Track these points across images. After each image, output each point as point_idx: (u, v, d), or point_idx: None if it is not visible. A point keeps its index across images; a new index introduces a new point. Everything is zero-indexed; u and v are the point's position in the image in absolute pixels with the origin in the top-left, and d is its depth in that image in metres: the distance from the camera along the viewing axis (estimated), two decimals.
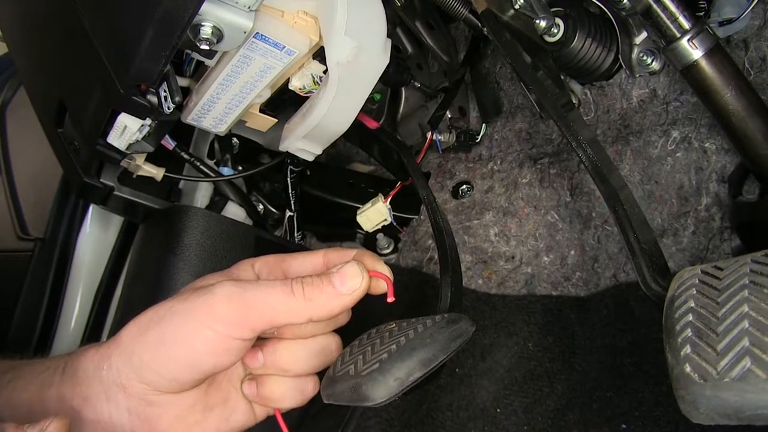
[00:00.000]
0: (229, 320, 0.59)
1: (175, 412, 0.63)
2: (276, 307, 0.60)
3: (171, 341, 0.60)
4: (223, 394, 0.67)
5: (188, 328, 0.59)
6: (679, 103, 0.87)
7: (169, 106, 0.78)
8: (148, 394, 0.61)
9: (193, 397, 0.64)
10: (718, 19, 0.79)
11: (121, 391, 0.61)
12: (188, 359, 0.60)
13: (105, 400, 0.61)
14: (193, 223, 0.97)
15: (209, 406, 0.66)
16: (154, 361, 0.60)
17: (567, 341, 0.89)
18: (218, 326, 0.59)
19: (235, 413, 0.67)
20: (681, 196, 0.84)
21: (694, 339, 0.48)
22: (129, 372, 0.61)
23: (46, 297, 1.16)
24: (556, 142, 1.01)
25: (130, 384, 0.61)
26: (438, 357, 0.61)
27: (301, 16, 0.76)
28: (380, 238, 1.11)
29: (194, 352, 0.60)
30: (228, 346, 0.60)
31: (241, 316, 0.59)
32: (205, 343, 0.59)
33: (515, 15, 0.84)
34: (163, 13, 0.63)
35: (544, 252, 0.96)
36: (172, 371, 0.60)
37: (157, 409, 0.62)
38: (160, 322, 0.61)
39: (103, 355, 0.62)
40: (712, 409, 0.44)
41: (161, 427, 0.63)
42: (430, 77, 1.17)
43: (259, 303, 0.60)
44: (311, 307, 0.61)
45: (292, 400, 0.67)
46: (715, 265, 0.55)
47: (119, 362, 0.61)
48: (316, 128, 0.83)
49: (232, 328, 0.59)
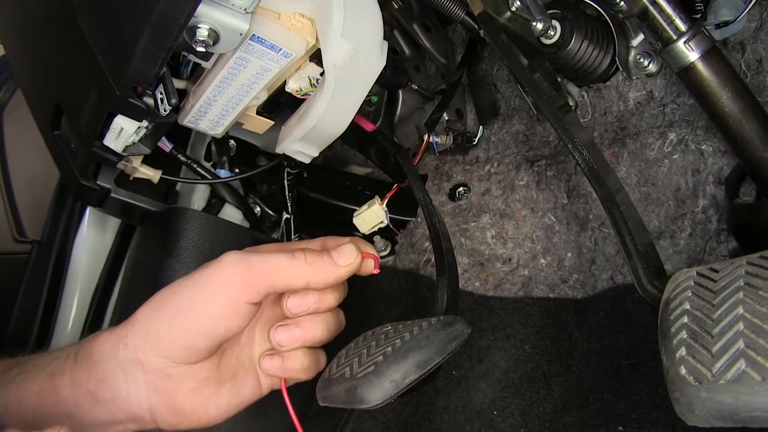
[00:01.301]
0: (238, 285, 0.65)
1: (191, 384, 0.68)
2: (279, 270, 0.67)
3: (186, 311, 0.66)
4: (232, 370, 0.73)
5: (201, 297, 0.66)
6: (675, 105, 0.87)
7: (165, 108, 0.77)
8: (165, 367, 0.67)
9: (207, 371, 0.69)
10: (715, 21, 0.79)
11: (139, 368, 0.66)
12: (203, 326, 0.66)
13: (123, 379, 0.66)
14: (190, 225, 0.97)
15: (221, 380, 0.71)
16: (170, 333, 0.66)
17: (564, 343, 0.89)
18: (229, 291, 0.65)
19: (244, 388, 0.73)
20: (678, 199, 0.84)
21: (689, 341, 0.48)
22: (147, 348, 0.66)
23: (43, 299, 1.16)
24: (553, 145, 1.01)
25: (148, 359, 0.66)
26: (433, 359, 0.61)
27: (298, 18, 0.76)
28: (377, 241, 1.11)
29: (208, 319, 0.66)
30: (238, 310, 0.66)
31: (248, 280, 0.66)
32: (218, 309, 0.65)
33: (512, 17, 0.85)
34: (159, 15, 0.63)
35: (541, 254, 0.96)
36: (189, 340, 0.66)
37: (174, 382, 0.67)
38: (173, 297, 0.67)
39: (118, 336, 0.67)
40: (707, 412, 0.44)
41: (178, 400, 0.68)
42: (427, 79, 1.17)
43: (263, 267, 0.66)
44: (310, 271, 0.68)
45: (311, 371, 0.74)
46: (710, 267, 0.55)
47: (136, 340, 0.66)
48: (312, 130, 0.82)
49: (241, 292, 0.66)
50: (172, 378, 0.67)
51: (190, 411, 0.69)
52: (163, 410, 0.68)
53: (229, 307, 0.66)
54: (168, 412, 0.69)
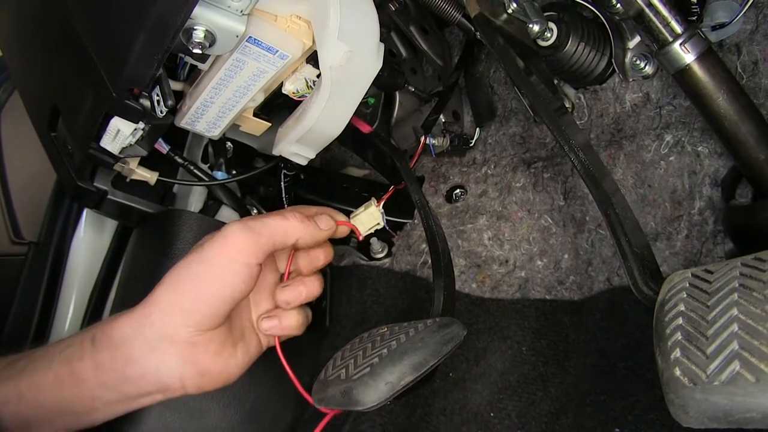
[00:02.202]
0: (247, 249, 0.74)
1: (214, 348, 0.76)
2: (276, 229, 0.77)
3: (208, 283, 0.74)
4: (239, 331, 0.81)
5: (219, 267, 0.74)
6: (672, 107, 0.87)
7: (162, 110, 0.78)
8: (192, 335, 0.73)
9: (224, 334, 0.77)
10: (711, 23, 0.79)
11: (167, 342, 0.73)
12: (224, 292, 0.74)
13: (150, 354, 0.73)
14: (187, 227, 0.97)
15: (234, 341, 0.79)
16: (195, 304, 0.73)
17: (561, 345, 0.89)
18: (241, 257, 0.74)
19: (251, 346, 0.82)
20: (674, 200, 0.84)
21: (683, 342, 0.48)
22: (175, 321, 0.73)
23: (39, 301, 1.15)
24: (550, 146, 1.01)
25: (177, 332, 0.73)
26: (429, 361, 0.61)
27: (294, 20, 0.77)
28: (374, 242, 1.11)
29: (228, 285, 0.74)
30: (251, 273, 0.75)
31: (254, 244, 0.75)
32: (236, 275, 0.74)
33: (508, 19, 0.85)
34: (155, 17, 0.63)
35: (538, 256, 0.96)
36: (213, 307, 0.74)
37: (201, 347, 0.75)
38: (190, 274, 0.74)
39: (140, 317, 0.74)
40: (701, 413, 0.44)
41: (206, 363, 0.75)
42: (424, 81, 1.18)
43: (264, 228, 0.76)
44: (300, 228, 0.79)
45: (303, 326, 0.85)
46: (705, 269, 0.55)
47: (163, 317, 0.73)
48: (309, 132, 0.82)
49: (251, 255, 0.74)
50: (198, 345, 0.74)
51: (216, 372, 0.76)
52: (193, 375, 0.75)
53: (244, 271, 0.74)
54: (197, 376, 0.75)
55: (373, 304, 1.06)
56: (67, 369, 0.73)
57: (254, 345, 0.82)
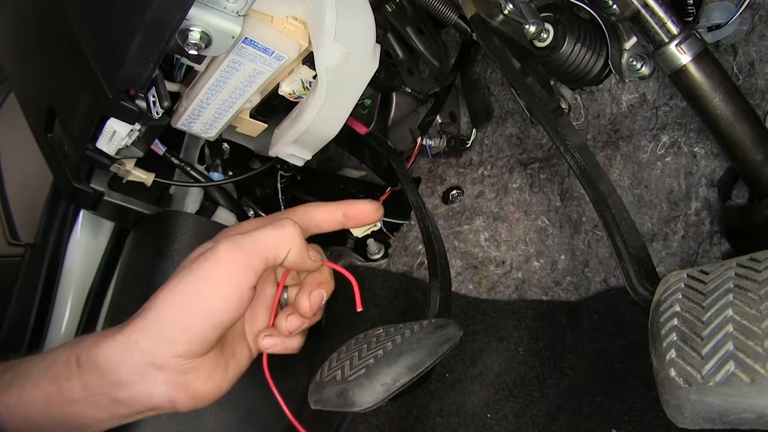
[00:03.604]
0: (237, 271, 0.69)
1: (205, 373, 0.72)
2: (269, 244, 0.71)
3: (195, 309, 0.69)
4: (231, 348, 0.78)
5: (207, 292, 0.69)
6: (668, 107, 0.87)
7: (158, 111, 0.78)
8: (181, 364, 0.69)
9: (215, 357, 0.73)
10: (707, 24, 0.79)
11: (155, 369, 0.69)
12: (213, 319, 0.69)
13: (140, 380, 0.69)
14: (183, 228, 0.97)
15: (226, 360, 0.76)
16: (183, 334, 0.69)
17: (558, 346, 0.89)
18: (230, 281, 0.69)
19: (243, 360, 0.79)
20: (671, 201, 0.84)
21: (679, 343, 0.48)
22: (162, 350, 0.68)
23: (36, 303, 1.15)
24: (547, 147, 1.01)
25: (165, 362, 0.69)
26: (425, 362, 0.61)
27: (291, 21, 0.77)
28: (370, 244, 1.11)
29: (217, 312, 0.69)
30: (242, 296, 0.70)
31: (245, 264, 0.69)
32: (224, 300, 0.69)
33: (504, 20, 0.85)
34: (151, 18, 0.63)
35: (535, 257, 0.96)
36: (201, 335, 0.69)
37: (191, 374, 0.71)
38: (177, 300, 0.69)
39: (126, 343, 0.69)
40: (696, 414, 0.44)
41: (197, 388, 0.72)
42: (421, 82, 1.18)
43: (255, 245, 0.70)
44: (296, 240, 0.73)
45: (302, 343, 0.82)
46: (700, 270, 0.55)
47: (149, 344, 0.69)
48: (305, 133, 0.83)
49: (242, 277, 0.69)
50: (189, 372, 0.70)
51: (209, 393, 0.73)
52: (185, 399, 0.72)
53: (234, 295, 0.69)
54: (189, 400, 0.72)
55: (370, 306, 1.06)
56: (55, 388, 0.70)
57: (245, 357, 0.80)
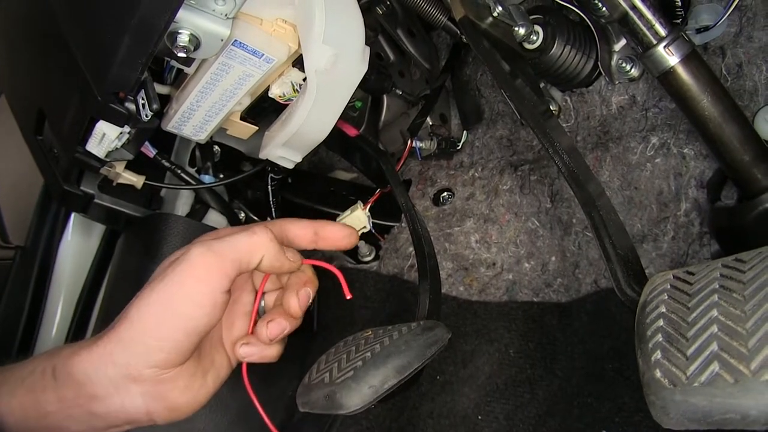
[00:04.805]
0: (210, 276, 0.67)
1: (183, 383, 0.70)
2: (242, 248, 0.69)
3: (169, 317, 0.66)
4: (209, 357, 0.75)
5: (179, 299, 0.66)
6: (658, 109, 0.87)
7: (147, 114, 0.77)
8: (157, 374, 0.67)
9: (193, 366, 0.71)
10: (695, 26, 0.79)
11: (131, 381, 0.67)
12: (187, 327, 0.67)
13: (115, 393, 0.67)
14: (174, 231, 0.97)
15: (204, 370, 0.73)
16: (158, 342, 0.66)
17: (548, 347, 0.89)
18: (203, 286, 0.67)
19: (222, 369, 0.76)
20: (660, 202, 0.85)
21: (664, 344, 0.48)
22: (137, 361, 0.66)
23: (26, 305, 1.15)
24: (537, 149, 1.01)
25: (140, 373, 0.67)
26: (413, 364, 0.61)
27: (280, 23, 0.77)
28: (361, 246, 1.11)
29: (191, 319, 0.67)
30: (216, 301, 0.67)
31: (218, 269, 0.67)
32: (198, 306, 0.67)
33: (494, 23, 0.85)
34: (139, 21, 0.63)
35: (525, 258, 0.96)
36: (177, 342, 0.67)
37: (168, 385, 0.69)
38: (151, 308, 0.67)
39: (101, 356, 0.67)
40: (681, 414, 0.44)
41: (174, 399, 0.70)
42: (411, 85, 1.18)
43: (228, 249, 0.69)
44: (268, 246, 0.71)
45: (281, 353, 0.78)
46: (686, 270, 0.55)
47: (124, 356, 0.66)
48: (295, 136, 0.83)
49: (215, 282, 0.67)
50: (165, 382, 0.69)
51: (185, 405, 0.72)
52: (162, 410, 0.70)
53: (207, 301, 0.67)
54: (166, 411, 0.71)
55: (360, 308, 1.06)
56: (32, 398, 0.68)
57: (225, 367, 0.78)
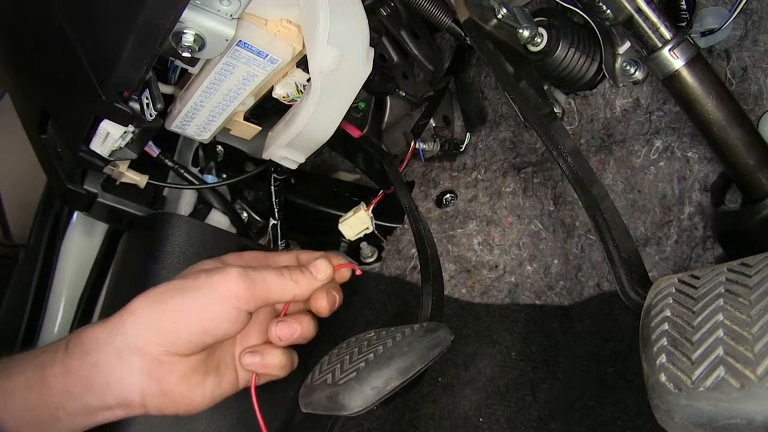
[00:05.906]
0: (241, 296, 0.73)
1: (181, 371, 0.74)
2: (273, 286, 0.75)
3: (192, 310, 0.72)
4: (216, 363, 0.79)
5: (208, 300, 0.72)
6: (662, 112, 0.87)
7: (151, 113, 0.77)
8: (161, 354, 0.72)
9: (196, 361, 0.75)
10: (700, 29, 0.79)
11: (135, 353, 0.71)
12: (206, 325, 0.73)
13: (117, 364, 0.71)
14: (176, 230, 0.97)
15: (207, 371, 0.77)
16: (174, 326, 0.72)
17: (550, 350, 0.89)
18: (233, 300, 0.72)
19: (225, 381, 0.79)
20: (664, 206, 0.85)
21: (669, 348, 0.48)
22: (148, 335, 0.71)
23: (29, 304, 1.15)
24: (540, 152, 1.01)
25: (147, 346, 0.71)
26: (415, 366, 0.61)
27: (284, 24, 0.77)
28: (364, 247, 1.11)
29: (212, 320, 0.73)
30: (239, 317, 0.73)
31: (250, 293, 0.73)
32: (222, 313, 0.73)
33: (498, 24, 0.85)
34: (144, 20, 0.63)
35: (528, 261, 0.96)
36: (190, 335, 0.72)
37: (167, 367, 0.73)
38: (176, 295, 0.73)
39: (114, 325, 0.72)
40: (686, 419, 0.44)
41: (169, 384, 0.73)
42: (415, 86, 1.18)
43: (261, 281, 0.75)
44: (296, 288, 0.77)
45: (286, 368, 0.82)
46: (692, 274, 0.55)
47: (136, 328, 0.72)
48: (298, 136, 0.83)
49: (243, 302, 0.73)
50: (165, 364, 0.73)
51: (179, 396, 0.74)
52: (154, 394, 0.73)
53: (232, 314, 0.73)
54: (158, 396, 0.73)
55: (363, 309, 1.06)
56: (39, 374, 0.72)
57: (228, 381, 0.80)
